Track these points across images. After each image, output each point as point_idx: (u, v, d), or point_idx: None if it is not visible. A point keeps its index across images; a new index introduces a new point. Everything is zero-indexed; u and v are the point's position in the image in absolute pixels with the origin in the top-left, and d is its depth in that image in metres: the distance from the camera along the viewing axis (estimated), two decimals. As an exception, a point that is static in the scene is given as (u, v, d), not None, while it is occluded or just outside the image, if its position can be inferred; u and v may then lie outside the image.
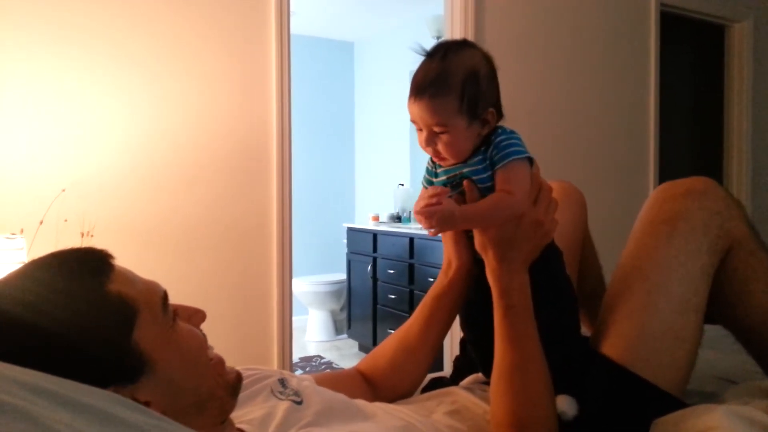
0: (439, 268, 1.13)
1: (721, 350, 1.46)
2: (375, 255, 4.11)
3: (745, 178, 3.76)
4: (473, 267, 1.05)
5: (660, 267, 1.03)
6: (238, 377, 0.75)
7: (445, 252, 1.08)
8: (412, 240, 3.72)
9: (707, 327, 1.07)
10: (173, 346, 0.66)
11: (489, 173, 0.93)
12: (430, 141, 0.93)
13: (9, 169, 1.87)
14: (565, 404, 0.96)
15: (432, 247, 3.52)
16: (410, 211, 4.38)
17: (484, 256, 0.95)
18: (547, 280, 0.99)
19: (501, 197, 0.90)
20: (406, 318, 3.99)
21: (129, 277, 0.67)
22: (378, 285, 4.08)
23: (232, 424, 0.74)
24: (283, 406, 0.80)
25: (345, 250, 4.53)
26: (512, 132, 0.96)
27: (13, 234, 1.69)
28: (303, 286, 4.53)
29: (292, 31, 2.35)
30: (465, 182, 0.94)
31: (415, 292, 3.70)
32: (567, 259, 1.26)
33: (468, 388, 1.08)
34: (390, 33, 4.94)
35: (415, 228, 3.90)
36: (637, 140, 3.32)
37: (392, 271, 3.91)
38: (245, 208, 2.24)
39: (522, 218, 0.92)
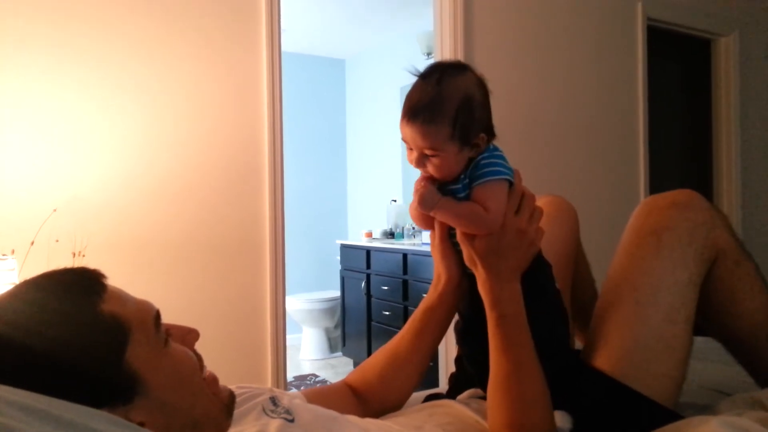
0: (434, 284, 1.13)
1: (712, 362, 1.47)
2: (369, 271, 4.10)
3: (734, 189, 3.79)
4: (463, 280, 1.05)
5: (648, 277, 1.05)
6: (232, 396, 0.75)
7: (435, 267, 1.09)
8: (405, 256, 3.72)
9: (698, 339, 1.08)
10: (166, 367, 0.66)
11: (467, 191, 0.94)
12: (420, 162, 0.93)
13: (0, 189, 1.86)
14: (559, 419, 0.96)
15: (426, 263, 3.52)
16: (403, 227, 4.39)
17: (473, 269, 0.96)
18: (537, 291, 1.00)
19: (479, 209, 0.91)
20: (400, 334, 3.89)
21: (121, 297, 0.67)
22: (372, 301, 4.07)
23: None
24: (275, 424, 0.79)
25: (338, 267, 4.53)
26: (495, 150, 0.97)
27: (4, 255, 1.68)
28: (297, 304, 4.52)
29: (283, 48, 2.37)
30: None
31: (410, 308, 3.69)
32: (560, 273, 1.27)
33: (464, 402, 1.08)
34: (381, 50, 4.98)
35: (409, 244, 3.91)
36: (626, 153, 3.34)
37: (386, 288, 3.90)
38: (237, 225, 2.23)
39: (505, 228, 0.92)
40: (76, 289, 0.64)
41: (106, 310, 0.63)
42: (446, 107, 0.90)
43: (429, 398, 1.20)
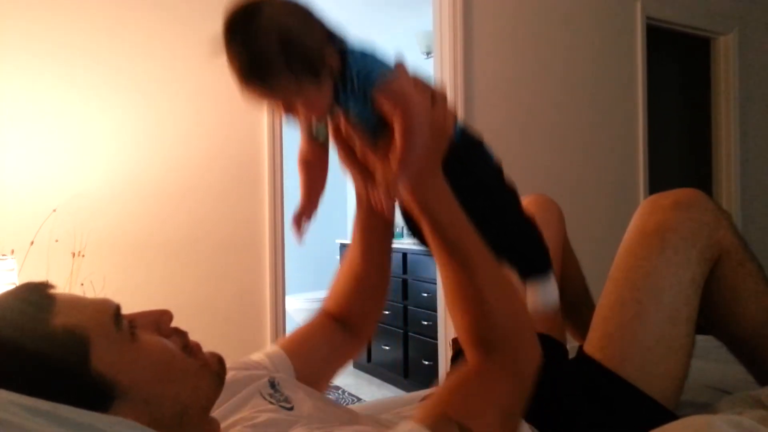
0: (433, 283, 1.12)
1: (713, 360, 1.47)
2: (368, 270, 4.10)
3: (734, 189, 3.79)
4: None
5: (651, 277, 1.04)
6: (221, 362, 0.73)
7: (354, 182, 0.96)
8: (405, 255, 3.72)
9: (699, 337, 1.08)
10: (138, 363, 0.63)
11: (368, 106, 0.81)
12: (289, 110, 0.81)
13: (-1, 190, 1.86)
14: (539, 294, 0.93)
15: (426, 262, 3.52)
16: (402, 227, 4.38)
17: (395, 195, 0.82)
18: (467, 174, 0.90)
19: (403, 120, 0.77)
20: (400, 334, 3.95)
21: (73, 304, 0.63)
22: (372, 301, 4.06)
23: (217, 424, 0.73)
24: (272, 411, 0.78)
25: (339, 266, 4.52)
26: (360, 52, 0.84)
27: (3, 255, 1.68)
28: (297, 304, 4.51)
29: (283, 49, 2.37)
30: (339, 121, 0.85)
31: (409, 307, 3.69)
32: None
33: None
34: (380, 49, 4.96)
35: (408, 243, 3.90)
36: (626, 152, 3.34)
37: (386, 287, 3.90)
38: (237, 225, 2.23)
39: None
40: (26, 310, 0.61)
41: (59, 324, 0.60)
42: (268, 59, 0.74)
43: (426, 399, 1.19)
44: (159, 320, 0.70)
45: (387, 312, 3.89)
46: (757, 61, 3.93)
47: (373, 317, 1.08)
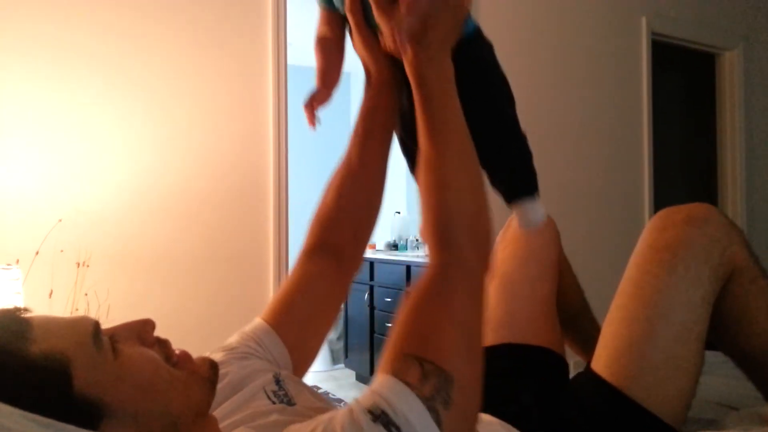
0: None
1: (720, 376, 1.46)
2: (372, 283, 4.09)
3: (739, 203, 3.78)
4: (396, 72, 0.94)
5: (661, 295, 1.02)
6: (213, 367, 0.71)
7: (362, 64, 0.97)
8: (409, 268, 3.72)
9: (706, 352, 1.07)
10: (123, 380, 0.61)
11: None
12: None
13: (5, 199, 1.87)
14: (526, 214, 0.94)
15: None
16: (407, 239, 4.38)
17: (400, 51, 0.82)
18: (474, 68, 0.89)
19: None
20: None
21: (50, 329, 0.61)
22: (375, 313, 4.06)
23: (215, 421, 0.71)
24: (278, 411, 0.77)
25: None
26: None
27: (8, 265, 1.68)
28: (300, 315, 4.50)
29: (289, 62, 2.38)
30: None
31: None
32: (544, 286, 1.26)
33: None
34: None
35: (412, 256, 3.90)
36: (631, 166, 3.34)
37: (389, 300, 3.89)
38: (242, 236, 2.23)
39: None
40: (1, 341, 0.59)
41: (36, 351, 0.58)
42: None
43: None
44: (141, 330, 0.68)
45: (390, 325, 3.87)
46: (761, 77, 3.93)
47: (364, 230, 1.00)
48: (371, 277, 4.10)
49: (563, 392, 1.06)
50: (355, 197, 0.98)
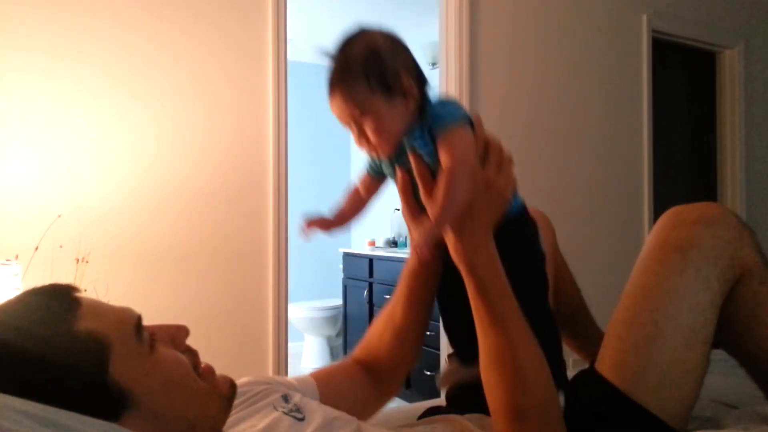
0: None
1: (719, 374, 1.45)
2: (371, 280, 4.10)
3: (739, 202, 3.78)
4: (439, 246, 0.96)
5: (669, 297, 1.00)
6: (232, 387, 0.73)
7: (409, 233, 1.03)
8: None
9: (709, 351, 1.06)
10: (154, 376, 0.63)
11: (432, 149, 0.87)
12: (361, 134, 0.89)
13: (4, 194, 1.86)
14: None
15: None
16: (406, 236, 4.38)
17: (444, 235, 0.88)
18: (517, 252, 0.92)
19: (449, 173, 0.82)
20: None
21: (98, 310, 0.63)
22: (374, 310, 4.06)
23: None
24: (285, 423, 0.78)
25: (341, 275, 4.52)
26: (446, 100, 0.92)
27: (8, 260, 1.68)
28: (299, 312, 4.51)
29: (289, 58, 2.38)
30: (409, 154, 0.89)
31: (412, 317, 3.67)
32: None
33: (465, 416, 1.06)
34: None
35: (412, 253, 3.89)
36: (631, 165, 3.34)
37: (388, 296, 3.88)
38: (241, 233, 2.23)
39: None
40: (50, 310, 0.61)
41: (82, 328, 0.60)
42: (353, 65, 0.87)
43: (428, 411, 1.17)
44: (175, 335, 0.70)
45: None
46: (762, 75, 3.93)
47: (401, 371, 1.10)
48: (370, 274, 4.10)
49: (564, 392, 1.05)
50: (393, 347, 1.07)
